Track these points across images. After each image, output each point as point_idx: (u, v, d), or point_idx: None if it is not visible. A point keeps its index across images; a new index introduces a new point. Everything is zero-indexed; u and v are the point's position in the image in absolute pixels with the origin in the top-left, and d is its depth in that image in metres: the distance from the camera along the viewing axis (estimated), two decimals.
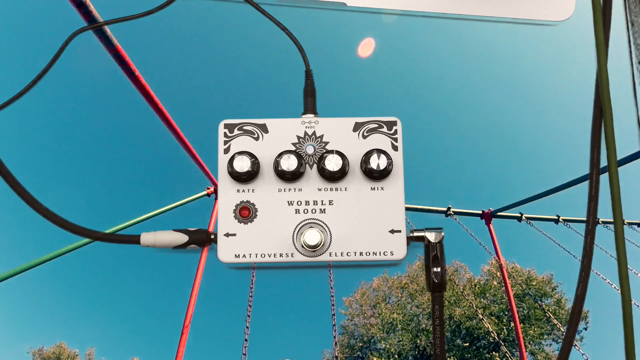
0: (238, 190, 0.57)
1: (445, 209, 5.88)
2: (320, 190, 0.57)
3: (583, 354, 4.37)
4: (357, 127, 0.59)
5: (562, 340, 0.58)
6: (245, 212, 0.57)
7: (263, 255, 0.56)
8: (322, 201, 0.57)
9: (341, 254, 0.56)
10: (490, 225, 5.98)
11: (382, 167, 0.56)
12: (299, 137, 0.59)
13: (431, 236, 0.58)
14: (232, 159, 0.56)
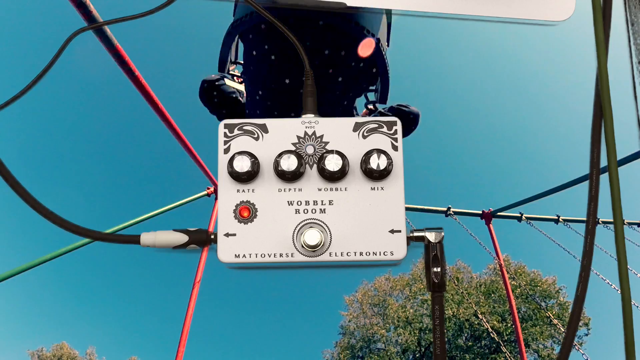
0: (238, 190, 0.57)
1: (445, 209, 5.88)
2: (320, 190, 0.57)
3: (583, 354, 4.37)
4: (357, 127, 0.59)
5: (562, 340, 0.58)
6: (245, 212, 0.57)
7: (263, 255, 0.56)
8: (322, 201, 0.57)
9: (341, 254, 0.56)
10: (490, 225, 5.98)
11: (382, 167, 0.56)
12: (299, 137, 0.59)
13: (431, 236, 0.58)
14: (232, 159, 0.56)
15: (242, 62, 1.39)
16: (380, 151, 0.56)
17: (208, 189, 5.07)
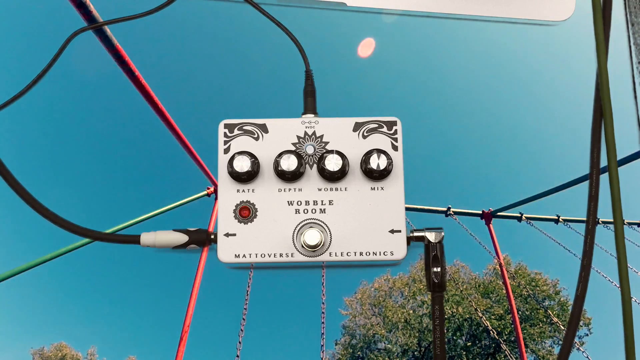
0: (238, 190, 0.57)
1: (445, 209, 5.88)
2: (320, 190, 0.57)
3: (583, 352, 4.37)
4: (357, 127, 0.59)
5: (562, 340, 0.58)
6: (245, 212, 0.57)
7: (263, 255, 0.56)
8: (322, 201, 0.57)
9: (341, 254, 0.56)
10: (490, 225, 5.98)
11: (382, 167, 0.56)
12: (299, 137, 0.59)
13: (431, 236, 0.58)
14: (232, 159, 0.56)
15: None
16: (380, 151, 0.56)
17: (208, 189, 5.07)
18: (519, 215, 5.87)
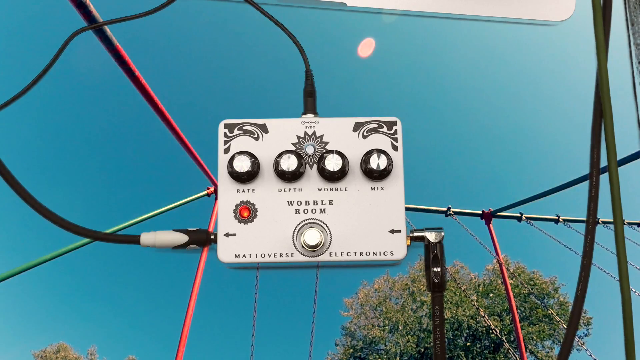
0: (238, 190, 0.57)
1: (445, 209, 5.88)
2: (320, 190, 0.57)
3: (586, 350, 4.36)
4: (357, 127, 0.59)
5: (562, 340, 0.58)
6: (245, 212, 0.57)
7: (263, 255, 0.56)
8: (322, 201, 0.57)
9: (341, 254, 0.57)
10: (490, 225, 5.98)
11: (382, 167, 0.56)
12: (299, 137, 0.59)
13: (431, 236, 0.58)
14: (232, 159, 0.56)
15: None
16: (380, 151, 0.56)
17: (208, 189, 5.07)
18: (519, 215, 5.87)
